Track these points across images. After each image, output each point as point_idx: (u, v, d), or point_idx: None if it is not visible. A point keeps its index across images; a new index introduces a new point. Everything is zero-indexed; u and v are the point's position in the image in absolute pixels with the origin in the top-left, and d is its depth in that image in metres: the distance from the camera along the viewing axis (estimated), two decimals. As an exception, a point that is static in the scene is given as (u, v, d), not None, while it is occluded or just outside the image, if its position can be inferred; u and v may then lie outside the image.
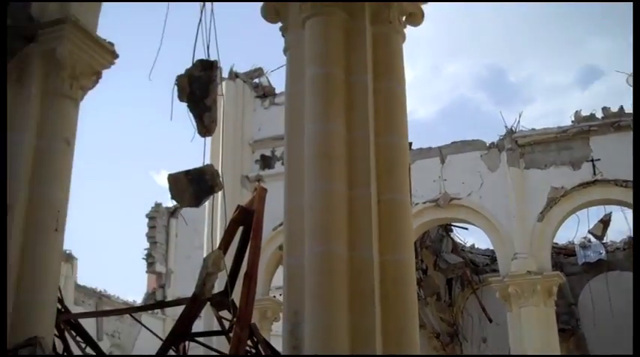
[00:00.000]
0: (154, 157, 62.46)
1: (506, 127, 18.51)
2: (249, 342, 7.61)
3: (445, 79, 61.69)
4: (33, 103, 7.61)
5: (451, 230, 22.98)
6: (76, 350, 7.99)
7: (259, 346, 7.73)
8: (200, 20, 6.93)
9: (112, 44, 8.25)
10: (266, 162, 19.42)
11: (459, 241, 23.63)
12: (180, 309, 8.20)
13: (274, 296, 19.10)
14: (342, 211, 6.28)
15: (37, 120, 7.60)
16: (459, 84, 62.57)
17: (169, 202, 27.52)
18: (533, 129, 18.33)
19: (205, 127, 6.99)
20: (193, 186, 6.93)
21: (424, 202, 18.01)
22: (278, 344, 8.24)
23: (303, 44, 6.85)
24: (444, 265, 22.81)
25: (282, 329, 6.32)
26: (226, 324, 8.17)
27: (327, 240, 6.16)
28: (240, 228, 8.18)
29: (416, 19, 7.43)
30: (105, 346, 20.15)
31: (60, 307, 7.83)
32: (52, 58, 7.77)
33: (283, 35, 7.29)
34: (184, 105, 6.94)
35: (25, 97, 7.64)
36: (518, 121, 18.60)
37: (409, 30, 7.43)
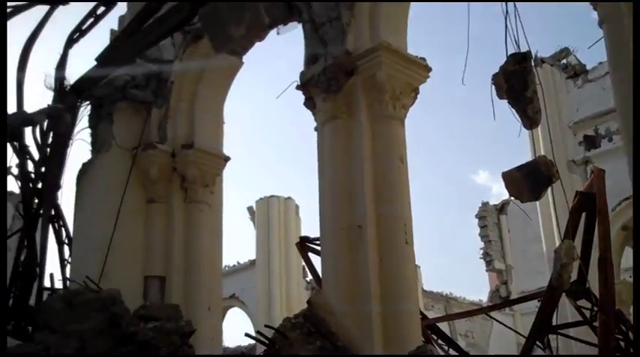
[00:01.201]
0: (469, 159, 62.97)
1: None
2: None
3: None
4: (365, 130, 8.08)
5: None
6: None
7: (630, 333, 7.37)
8: (505, 18, 6.92)
9: (423, 59, 8.50)
10: (591, 142, 18.50)
11: None
12: (526, 304, 8.09)
13: (624, 278, 18.03)
14: None
15: (372, 145, 8.05)
16: None
17: (495, 200, 27.60)
18: None
19: (531, 119, 6.90)
20: (529, 180, 6.87)
21: None
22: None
23: (621, 12, 6.48)
24: None
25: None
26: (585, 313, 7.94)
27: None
28: (583, 214, 7.92)
29: None
30: (461, 346, 20.68)
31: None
32: (374, 84, 8.18)
33: (595, 9, 6.97)
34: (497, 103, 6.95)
35: (357, 126, 8.15)
36: None
37: None
